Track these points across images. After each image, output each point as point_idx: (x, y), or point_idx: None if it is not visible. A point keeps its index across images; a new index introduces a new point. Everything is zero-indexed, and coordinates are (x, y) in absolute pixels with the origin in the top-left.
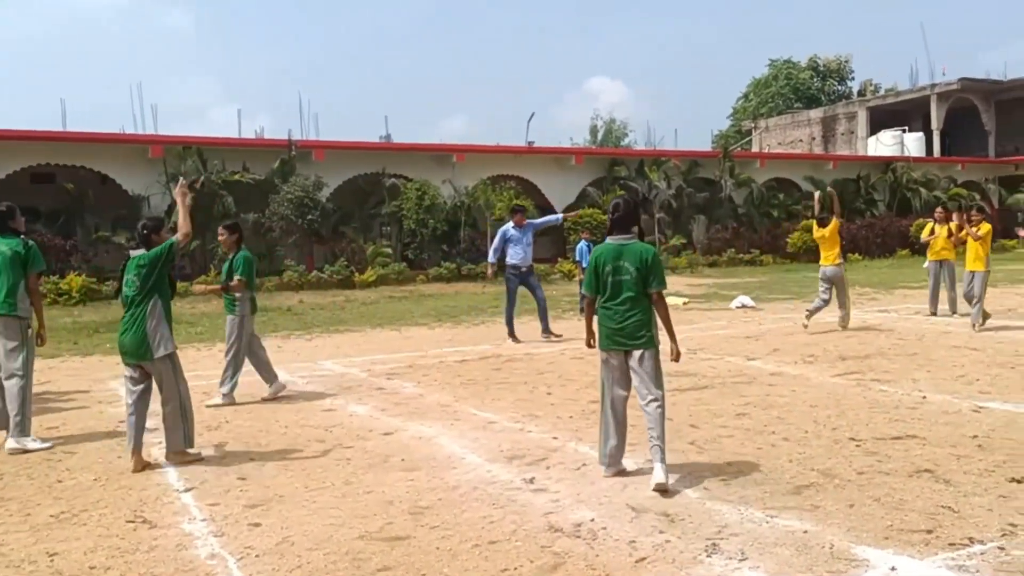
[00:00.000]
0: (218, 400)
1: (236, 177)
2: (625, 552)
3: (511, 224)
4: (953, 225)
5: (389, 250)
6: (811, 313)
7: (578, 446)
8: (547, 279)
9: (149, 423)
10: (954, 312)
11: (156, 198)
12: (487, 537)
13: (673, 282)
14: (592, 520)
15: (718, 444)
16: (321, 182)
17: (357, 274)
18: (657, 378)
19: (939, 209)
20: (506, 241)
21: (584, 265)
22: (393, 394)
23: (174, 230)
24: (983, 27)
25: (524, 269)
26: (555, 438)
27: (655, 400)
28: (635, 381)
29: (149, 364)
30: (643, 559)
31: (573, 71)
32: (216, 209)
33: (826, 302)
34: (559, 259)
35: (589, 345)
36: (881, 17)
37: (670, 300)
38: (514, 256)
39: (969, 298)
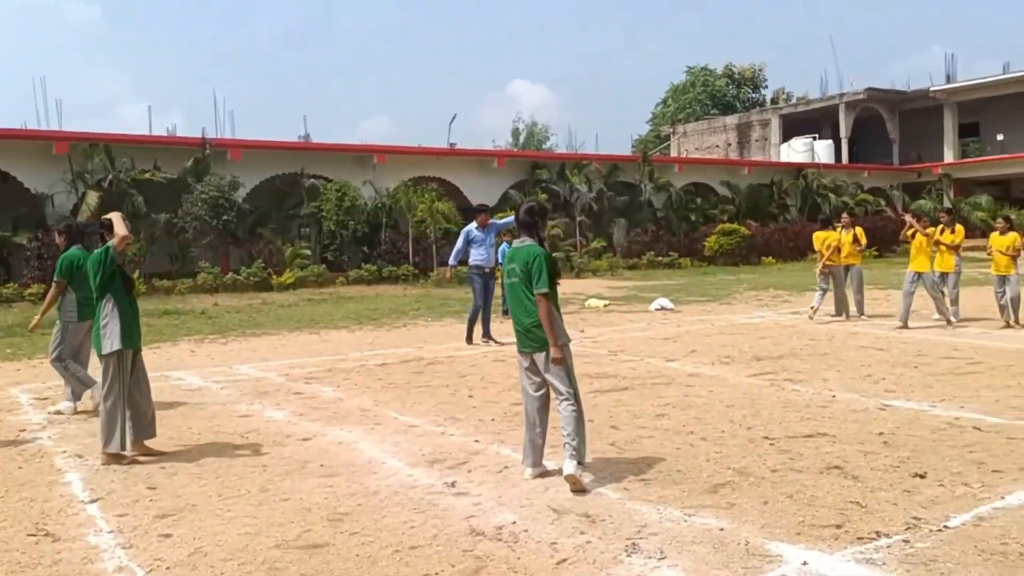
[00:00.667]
0: (62, 406)
1: (147, 176)
2: (546, 554)
3: (474, 225)
4: (928, 231)
5: (308, 252)
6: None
7: (500, 449)
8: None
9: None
10: (861, 314)
11: (61, 196)
12: (408, 543)
13: (594, 285)
14: (514, 523)
15: (638, 445)
16: (237, 182)
17: (275, 276)
18: (567, 376)
19: (844, 215)
20: (469, 242)
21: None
22: (312, 398)
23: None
24: (888, 39)
25: (487, 270)
26: (477, 441)
27: (566, 399)
28: (549, 380)
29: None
30: (564, 560)
31: (495, 74)
32: (125, 209)
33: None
34: None
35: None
36: (793, 28)
37: (592, 303)
38: (477, 257)
39: (938, 297)
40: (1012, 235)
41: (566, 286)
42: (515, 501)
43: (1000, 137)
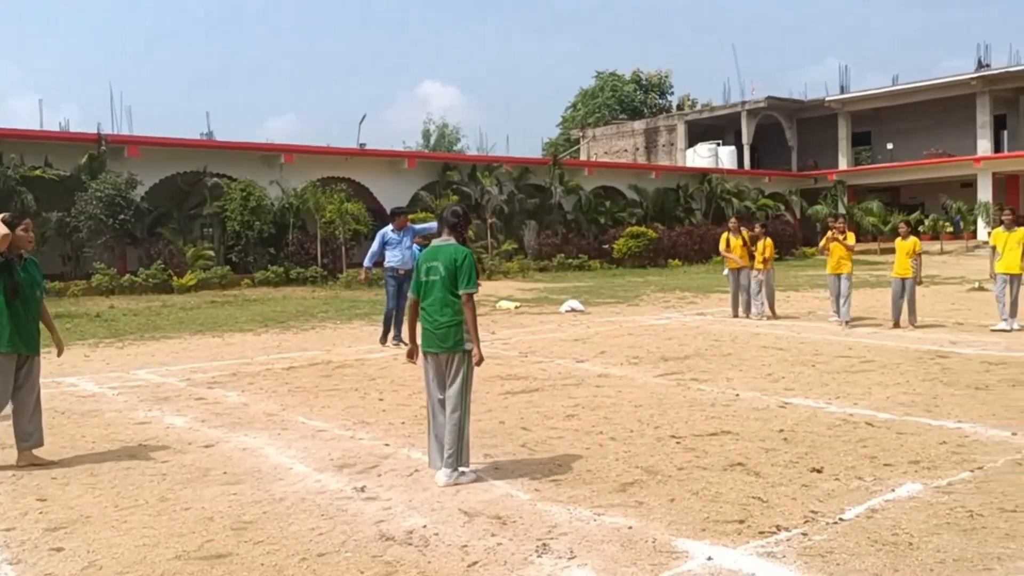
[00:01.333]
0: None
1: (37, 172)
2: (457, 557)
3: (390, 227)
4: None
5: (211, 253)
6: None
7: (410, 452)
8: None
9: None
10: (749, 315)
11: None
12: (315, 550)
13: (505, 287)
14: (424, 526)
15: (548, 445)
16: (135, 180)
17: (176, 278)
18: (463, 386)
19: (732, 220)
20: (384, 244)
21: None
22: (215, 404)
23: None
24: (787, 50)
25: (402, 272)
26: (387, 445)
27: (455, 411)
28: (449, 386)
29: None
30: (475, 563)
31: (406, 74)
32: (13, 207)
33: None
34: None
35: (410, 356)
36: (698, 36)
37: (503, 305)
38: (392, 259)
39: (841, 298)
40: (912, 240)
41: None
42: (425, 504)
43: (890, 146)
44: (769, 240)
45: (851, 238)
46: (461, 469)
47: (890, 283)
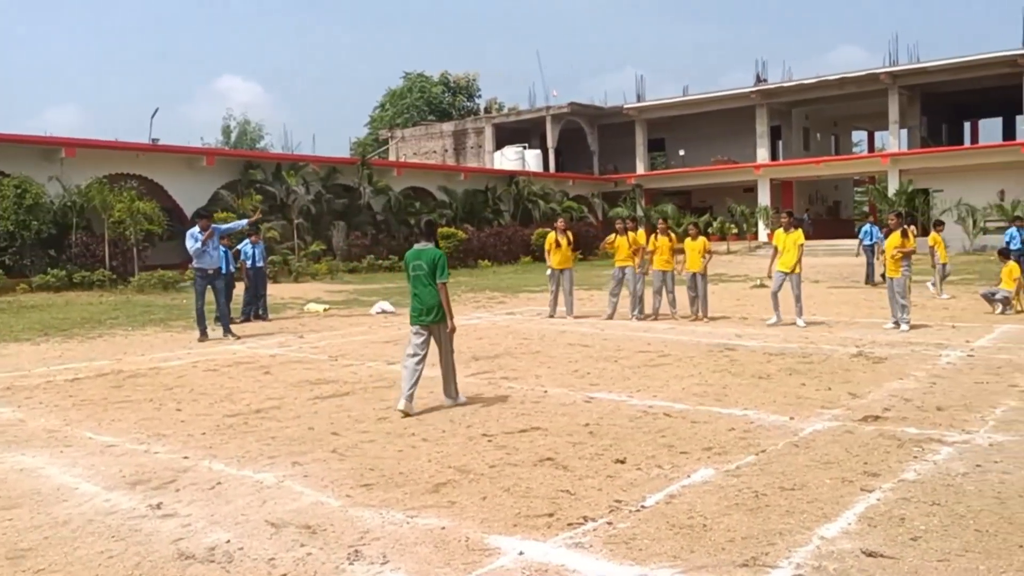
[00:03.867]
0: None
1: None
2: (264, 571)
3: (197, 229)
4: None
5: None
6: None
7: (212, 464)
8: (183, 286)
9: None
10: (569, 313)
11: None
12: (105, 575)
13: (313, 289)
14: (228, 541)
15: (360, 449)
16: None
17: None
18: (449, 343)
19: (561, 221)
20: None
21: (249, 266)
22: None
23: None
24: (589, 58)
25: (211, 272)
26: (185, 458)
27: (446, 357)
28: (441, 343)
29: None
30: None
31: (203, 67)
32: None
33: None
34: (191, 266)
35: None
36: (504, 41)
37: (311, 308)
38: (201, 260)
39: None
40: (701, 240)
41: (283, 291)
42: (229, 518)
43: (682, 152)
44: (641, 235)
45: (642, 237)
46: (460, 399)
47: (684, 280)
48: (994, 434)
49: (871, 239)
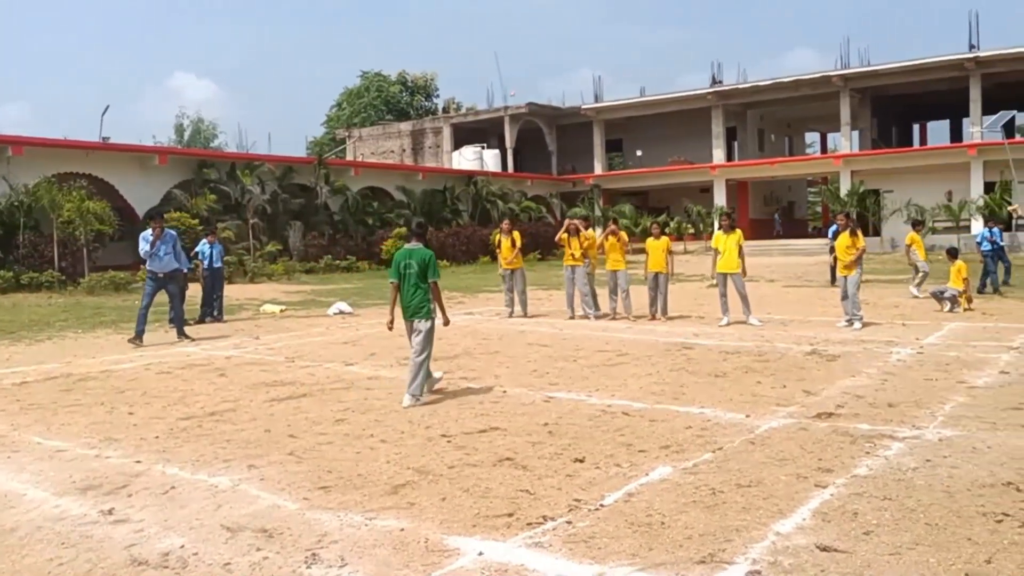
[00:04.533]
0: None
1: None
2: None
3: (149, 232)
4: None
5: None
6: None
7: (166, 468)
8: (135, 287)
9: None
10: (525, 313)
11: None
12: None
13: (269, 290)
14: (182, 547)
15: (318, 452)
16: None
17: None
18: (425, 340)
19: (506, 222)
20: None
21: (206, 266)
22: None
23: None
24: (546, 59)
25: (162, 275)
26: (138, 462)
27: (418, 355)
28: (413, 339)
29: None
30: None
31: (155, 64)
32: None
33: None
34: (143, 267)
35: (389, 326)
36: (462, 42)
37: (267, 309)
38: (152, 263)
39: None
40: (664, 239)
41: (238, 292)
42: (183, 523)
43: (639, 153)
44: (591, 233)
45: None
46: (422, 399)
47: (645, 279)
48: (943, 429)
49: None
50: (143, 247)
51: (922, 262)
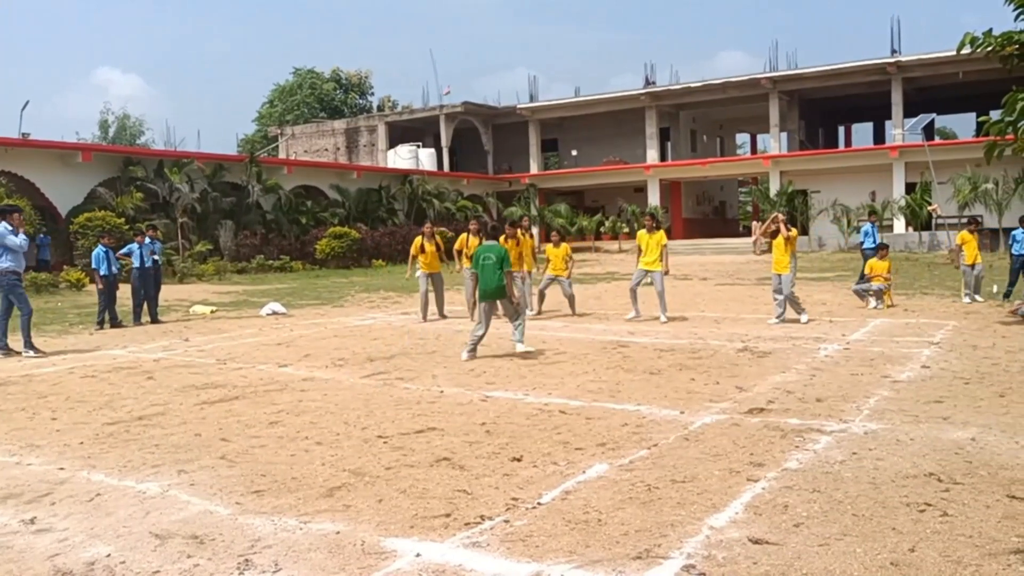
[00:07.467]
0: None
1: None
2: None
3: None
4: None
5: None
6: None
7: (91, 474)
8: (55, 289)
9: None
10: (442, 316)
11: None
12: None
13: (200, 290)
14: (108, 555)
15: (251, 455)
16: None
17: None
18: (515, 310)
19: (428, 225)
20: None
21: (103, 272)
22: None
23: None
24: (482, 58)
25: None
26: (62, 469)
27: (516, 318)
28: (501, 312)
29: None
30: None
31: (78, 58)
32: None
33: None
34: (65, 267)
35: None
36: (397, 39)
37: (197, 310)
38: (16, 260)
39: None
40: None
41: (167, 292)
42: (110, 531)
43: (574, 152)
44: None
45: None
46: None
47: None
48: (868, 423)
49: None
50: (21, 241)
51: (966, 265)
